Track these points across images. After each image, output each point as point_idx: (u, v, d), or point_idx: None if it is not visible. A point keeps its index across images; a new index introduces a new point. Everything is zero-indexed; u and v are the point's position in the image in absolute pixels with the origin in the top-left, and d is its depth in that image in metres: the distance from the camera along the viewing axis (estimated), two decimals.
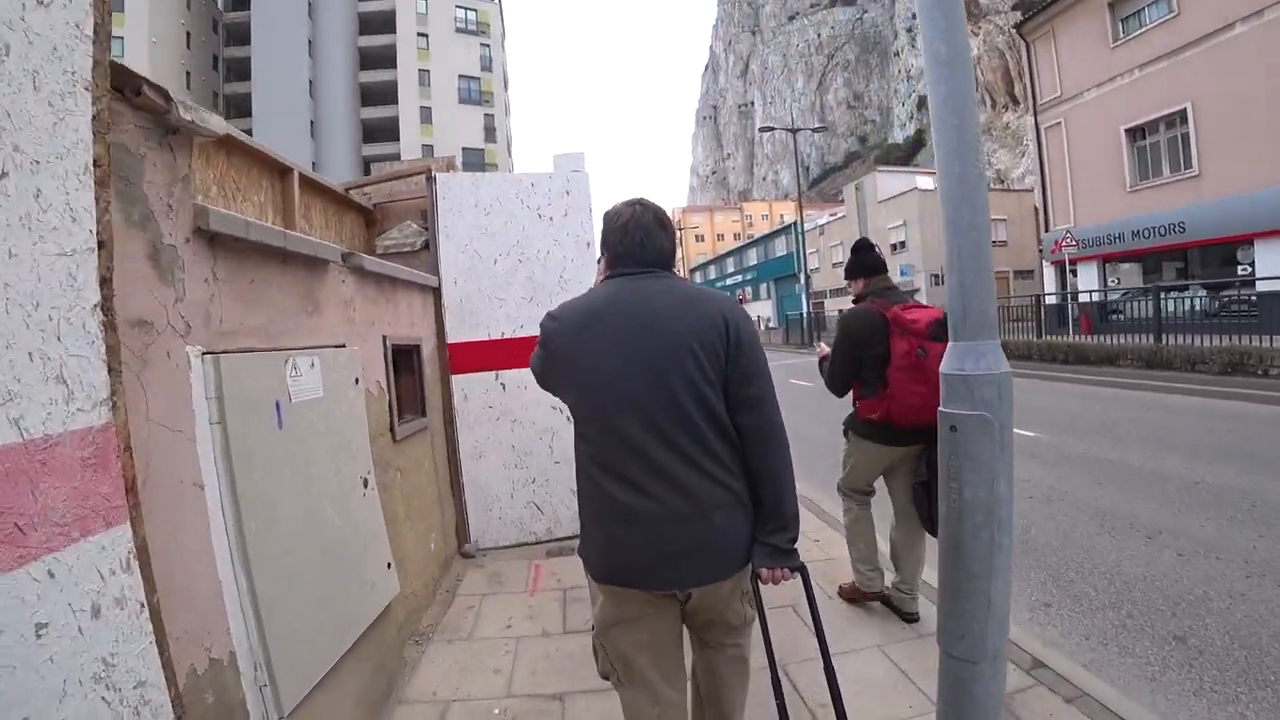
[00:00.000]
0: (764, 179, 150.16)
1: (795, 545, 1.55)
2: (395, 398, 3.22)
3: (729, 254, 61.94)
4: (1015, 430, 4.80)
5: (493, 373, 4.31)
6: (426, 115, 40.81)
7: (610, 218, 1.69)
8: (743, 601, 1.61)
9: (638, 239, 1.62)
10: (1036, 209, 36.11)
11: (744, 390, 1.52)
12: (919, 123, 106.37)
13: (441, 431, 4.14)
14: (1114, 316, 16.74)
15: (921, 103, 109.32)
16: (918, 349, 2.64)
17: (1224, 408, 7.81)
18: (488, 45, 43.91)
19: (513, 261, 4.35)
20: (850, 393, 3.02)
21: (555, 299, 4.21)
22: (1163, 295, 14.76)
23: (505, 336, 4.34)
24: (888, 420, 2.79)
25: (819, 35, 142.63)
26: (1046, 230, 21.29)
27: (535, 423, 4.35)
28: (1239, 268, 15.79)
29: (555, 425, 4.33)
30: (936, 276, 30.49)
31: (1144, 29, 17.61)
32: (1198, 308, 14.81)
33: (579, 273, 4.39)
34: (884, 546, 3.28)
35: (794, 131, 25.62)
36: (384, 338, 3.12)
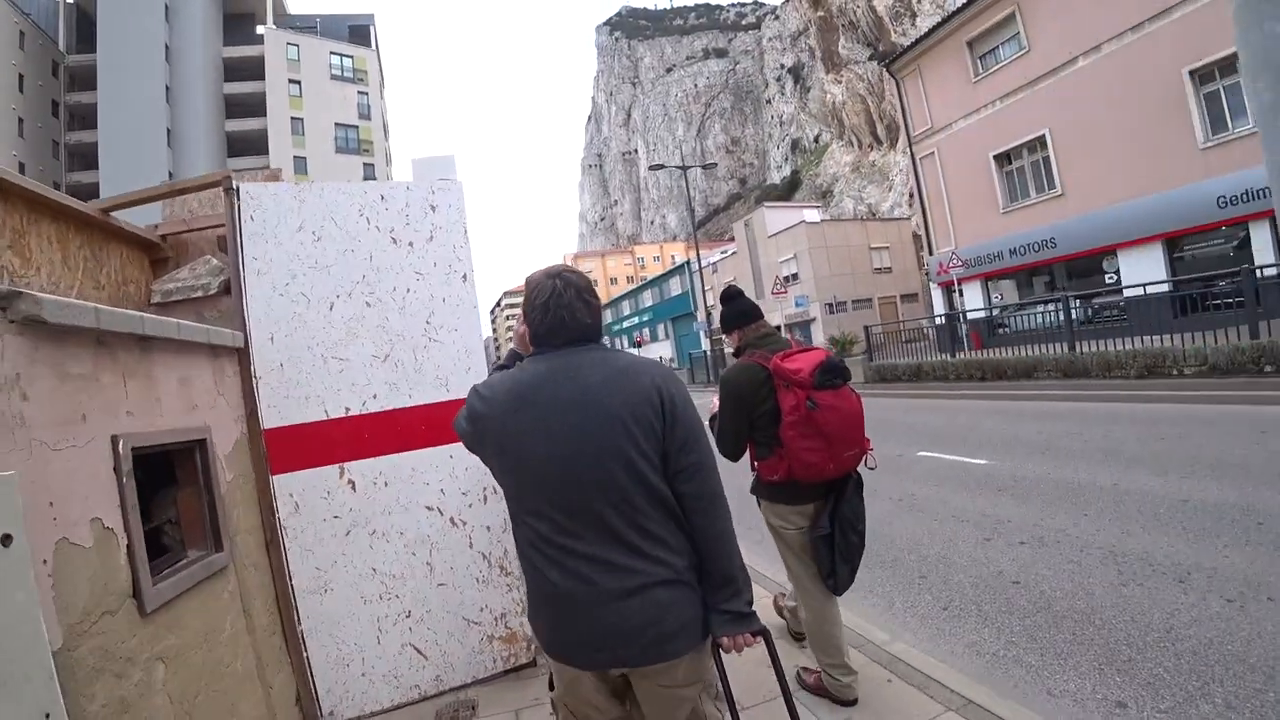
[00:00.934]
0: (651, 223, 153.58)
1: (753, 608, 1.53)
2: (143, 538, 1.88)
3: (624, 297, 62.02)
4: (963, 459, 4.91)
5: (336, 467, 2.97)
6: (301, 165, 38.24)
7: (530, 293, 1.60)
8: (703, 699, 1.58)
9: (560, 317, 1.54)
10: (916, 236, 38.36)
11: (683, 459, 1.49)
12: (793, 164, 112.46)
13: (261, 563, 2.75)
14: (1000, 331, 17.42)
15: (795, 145, 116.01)
16: (806, 401, 2.39)
17: (1155, 411, 7.74)
18: (365, 93, 42.19)
19: (358, 305, 3.07)
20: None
21: (424, 355, 3.16)
22: (1039, 307, 15.91)
23: (352, 413, 3.02)
24: (791, 479, 2.53)
25: (696, 85, 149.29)
26: (930, 254, 22.09)
27: (405, 532, 3.06)
28: (1105, 276, 16.72)
29: (434, 534, 3.11)
30: (831, 305, 31.24)
31: (1000, 65, 18.86)
32: (1075, 316, 15.69)
33: (454, 316, 3.26)
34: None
35: (684, 169, 25.62)
36: (115, 439, 1.84)
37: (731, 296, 2.88)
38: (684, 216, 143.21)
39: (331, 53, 40.82)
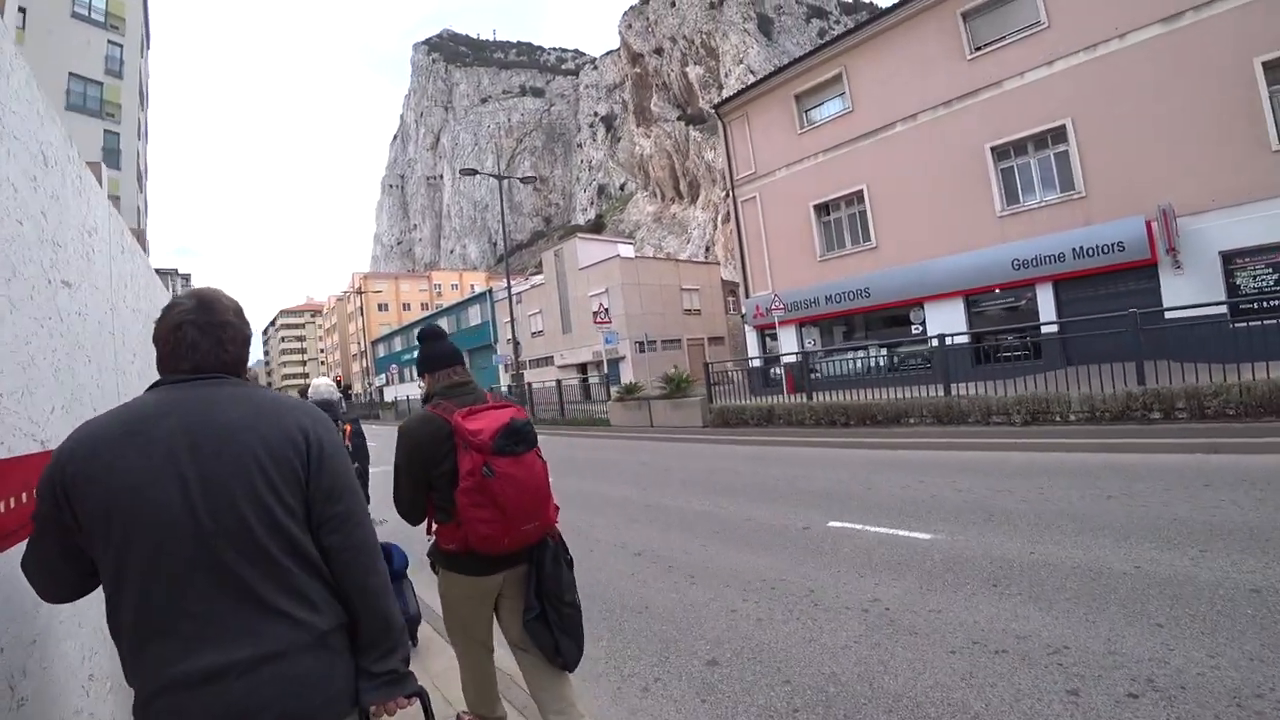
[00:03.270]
0: (451, 252, 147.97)
1: (410, 668, 1.42)
2: None
3: (417, 323, 57.43)
4: (895, 532, 4.99)
5: None
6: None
7: (164, 312, 1.38)
8: None
9: (193, 342, 1.34)
10: (724, 281, 39.60)
11: (329, 509, 1.33)
12: (599, 208, 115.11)
13: None
14: (813, 375, 17.49)
15: (601, 190, 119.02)
16: (482, 467, 2.12)
17: (1071, 462, 6.90)
18: (119, 45, 33.88)
19: None
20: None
21: None
22: (852, 353, 16.27)
23: None
24: (470, 550, 2.25)
25: (509, 119, 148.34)
26: (747, 296, 22.06)
27: None
28: (912, 327, 17.48)
29: None
30: (641, 344, 30.50)
31: (825, 120, 19.46)
32: (882, 364, 16.15)
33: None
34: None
35: (501, 178, 23.36)
36: None
37: (429, 336, 2.58)
38: (485, 249, 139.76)
39: None
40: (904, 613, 3.59)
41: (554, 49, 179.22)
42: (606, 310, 20.51)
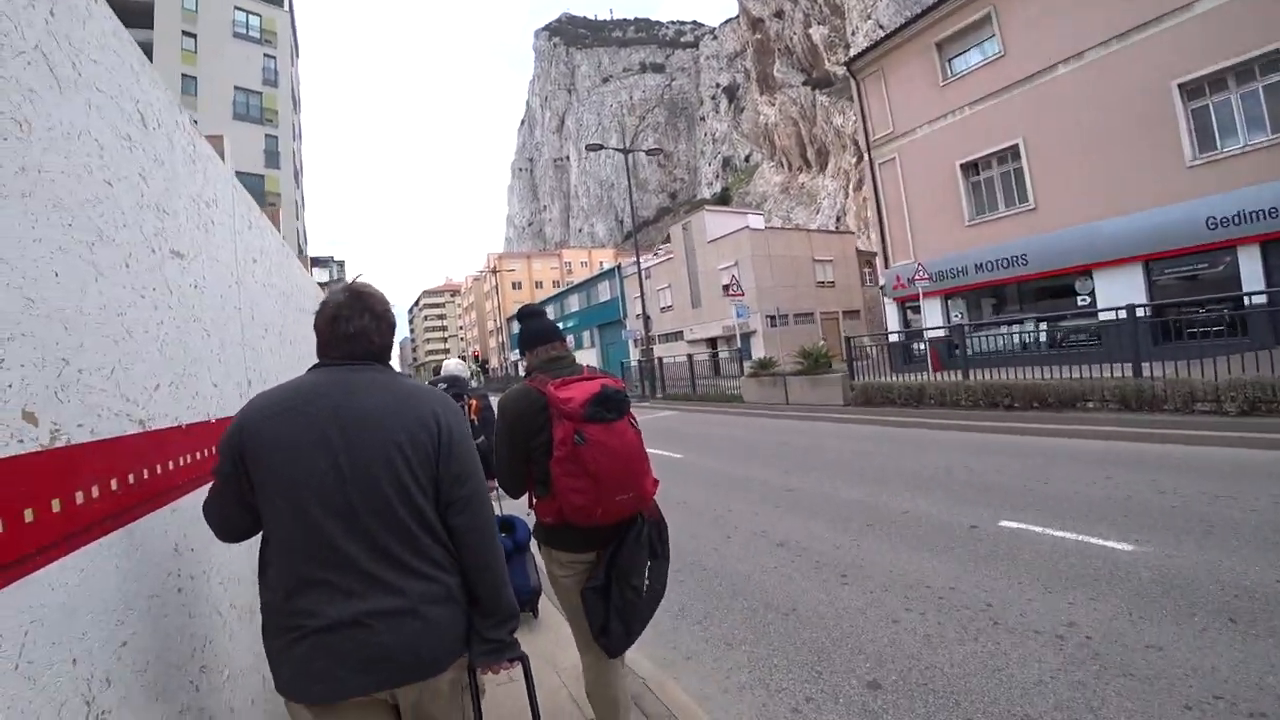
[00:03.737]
0: (580, 230, 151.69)
1: (515, 635, 1.58)
2: None
3: (548, 301, 59.43)
4: (1083, 538, 4.22)
5: None
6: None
7: (323, 303, 1.60)
8: (462, 697, 1.56)
9: (348, 330, 1.54)
10: (860, 251, 37.83)
11: (456, 491, 1.52)
12: (724, 181, 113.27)
13: None
14: (958, 352, 16.27)
15: (726, 163, 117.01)
16: (574, 435, 2.12)
17: None
18: (273, 57, 37.98)
19: None
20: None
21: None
22: (1005, 328, 14.80)
23: None
24: (566, 523, 2.24)
25: (631, 97, 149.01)
26: (886, 266, 20.87)
27: None
28: (1078, 298, 15.79)
29: None
30: (773, 318, 29.82)
31: (972, 68, 17.80)
32: (1041, 340, 14.66)
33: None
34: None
35: (627, 151, 23.55)
36: None
37: (528, 314, 2.59)
38: (612, 227, 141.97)
39: (236, 7, 36.34)
40: (1111, 646, 2.96)
41: (671, 22, 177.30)
42: (739, 282, 20.16)
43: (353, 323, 1.54)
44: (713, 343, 32.76)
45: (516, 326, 3.40)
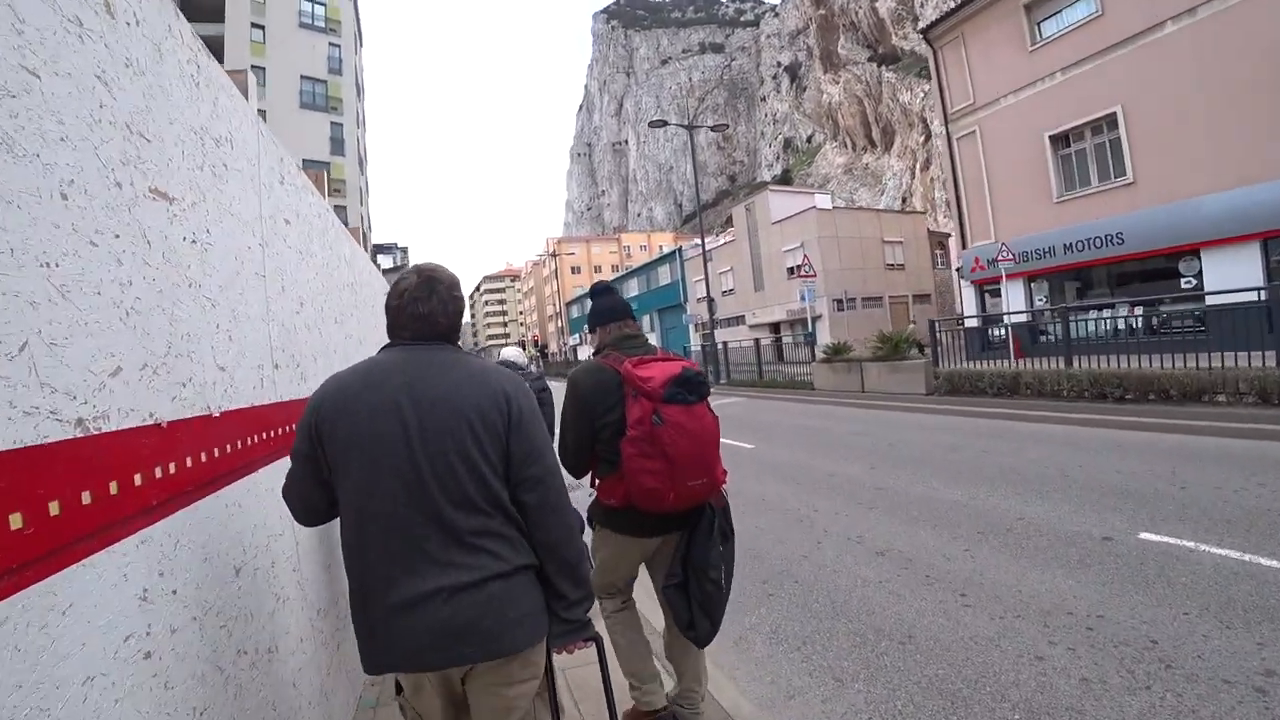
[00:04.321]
0: (638, 215, 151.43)
1: (588, 615, 1.63)
2: None
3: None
4: (1264, 561, 3.50)
5: None
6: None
7: (394, 284, 1.62)
8: (537, 706, 1.61)
9: (418, 311, 1.57)
10: (931, 232, 36.29)
11: (525, 469, 1.52)
12: (785, 163, 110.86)
13: None
14: (1042, 338, 15.26)
15: (787, 144, 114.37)
16: (652, 415, 2.09)
17: None
18: (337, 45, 38.87)
19: None
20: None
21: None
22: (1096, 311, 13.68)
23: None
24: (630, 505, 2.20)
25: (690, 79, 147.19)
26: (964, 247, 19.79)
27: None
28: (1182, 280, 14.54)
29: None
30: (840, 302, 28.87)
31: (1065, 30, 16.52)
32: (1137, 325, 13.51)
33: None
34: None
35: (690, 128, 23.06)
36: None
37: (600, 291, 2.63)
38: (671, 211, 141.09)
39: None
40: None
41: (731, 1, 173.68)
42: (810, 263, 19.48)
43: (422, 304, 1.56)
44: (775, 327, 31.93)
45: (587, 305, 3.15)
